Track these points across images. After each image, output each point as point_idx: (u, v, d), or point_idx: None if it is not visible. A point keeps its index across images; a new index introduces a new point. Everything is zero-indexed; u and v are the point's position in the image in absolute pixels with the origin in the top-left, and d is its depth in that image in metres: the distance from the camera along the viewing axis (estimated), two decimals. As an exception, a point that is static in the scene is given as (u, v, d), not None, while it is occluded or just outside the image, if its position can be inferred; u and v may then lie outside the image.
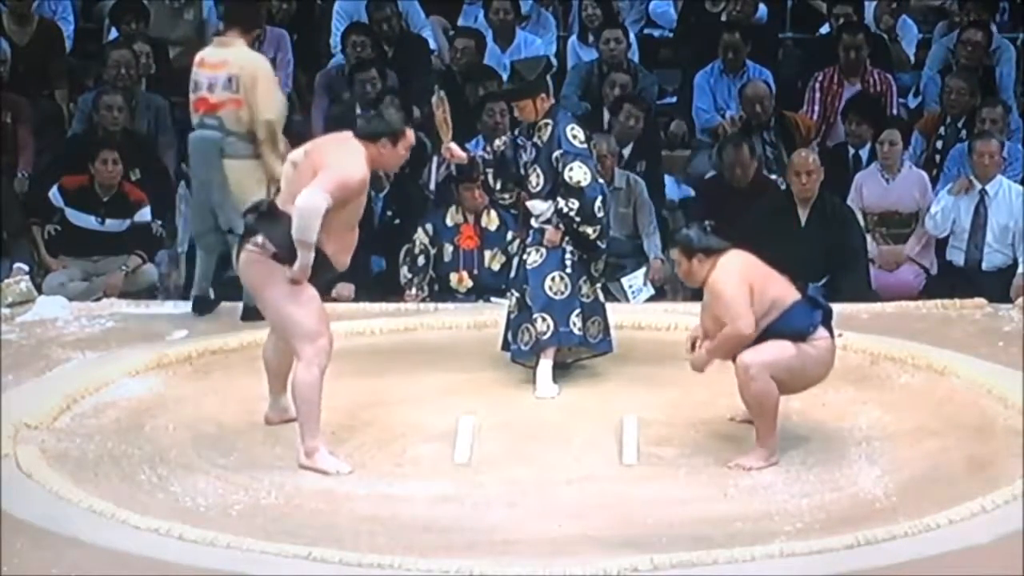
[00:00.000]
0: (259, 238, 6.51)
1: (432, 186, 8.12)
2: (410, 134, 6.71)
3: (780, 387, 6.54)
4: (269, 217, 6.54)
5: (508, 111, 9.43)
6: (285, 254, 6.46)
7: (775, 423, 6.58)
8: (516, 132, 7.56)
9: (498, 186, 7.58)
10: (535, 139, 7.42)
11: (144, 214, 9.51)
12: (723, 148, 9.86)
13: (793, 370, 6.54)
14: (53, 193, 9.49)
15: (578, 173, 7.31)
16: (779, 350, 6.53)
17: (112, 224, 9.46)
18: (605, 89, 10.53)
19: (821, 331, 6.60)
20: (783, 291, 6.63)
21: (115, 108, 9.93)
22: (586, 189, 7.31)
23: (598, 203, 7.33)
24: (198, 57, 8.13)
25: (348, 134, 6.65)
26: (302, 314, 6.47)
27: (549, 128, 7.39)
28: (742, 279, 6.57)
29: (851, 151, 10.14)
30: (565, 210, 7.32)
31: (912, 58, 11.37)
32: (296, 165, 6.63)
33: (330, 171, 6.43)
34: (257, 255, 6.51)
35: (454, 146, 7.53)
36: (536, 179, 7.41)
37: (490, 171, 7.54)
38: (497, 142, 7.61)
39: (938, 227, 9.52)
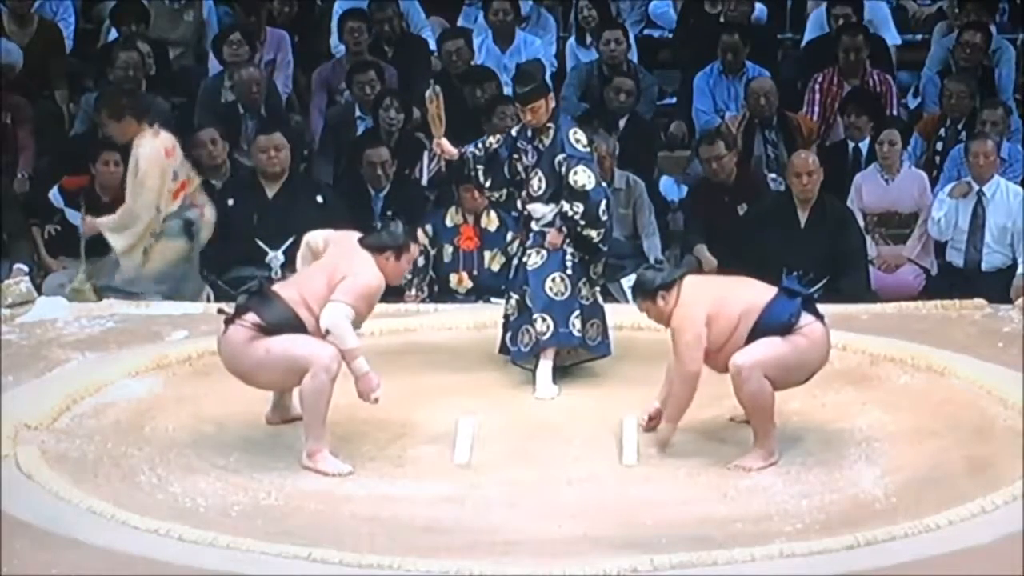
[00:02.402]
0: (251, 316, 6.54)
1: (424, 181, 8.14)
2: (414, 249, 6.82)
3: (779, 383, 6.54)
4: (260, 297, 6.60)
5: (517, 115, 9.44)
6: (274, 330, 6.52)
7: (772, 423, 6.58)
8: (516, 133, 7.54)
9: (488, 184, 7.56)
10: (536, 143, 7.41)
11: (144, 215, 9.51)
12: (699, 145, 9.89)
13: (787, 364, 6.53)
14: (53, 194, 9.50)
15: (582, 177, 7.30)
16: (769, 347, 6.52)
17: (112, 225, 9.46)
18: (609, 94, 10.52)
19: (806, 317, 6.58)
20: (753, 295, 6.61)
21: (117, 111, 9.94)
22: (591, 193, 7.31)
23: (602, 206, 7.33)
24: (168, 146, 8.43)
25: (354, 236, 6.76)
26: (296, 345, 6.51)
27: (551, 132, 7.38)
28: (701, 315, 6.54)
29: (850, 145, 10.15)
30: (570, 213, 7.31)
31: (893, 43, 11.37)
32: (311, 249, 6.80)
33: (349, 282, 6.55)
34: (248, 330, 6.53)
35: (445, 142, 7.52)
36: (538, 183, 7.40)
37: (480, 168, 7.52)
38: (491, 139, 7.59)
39: (942, 233, 9.52)
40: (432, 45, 11.22)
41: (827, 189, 9.27)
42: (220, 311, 6.70)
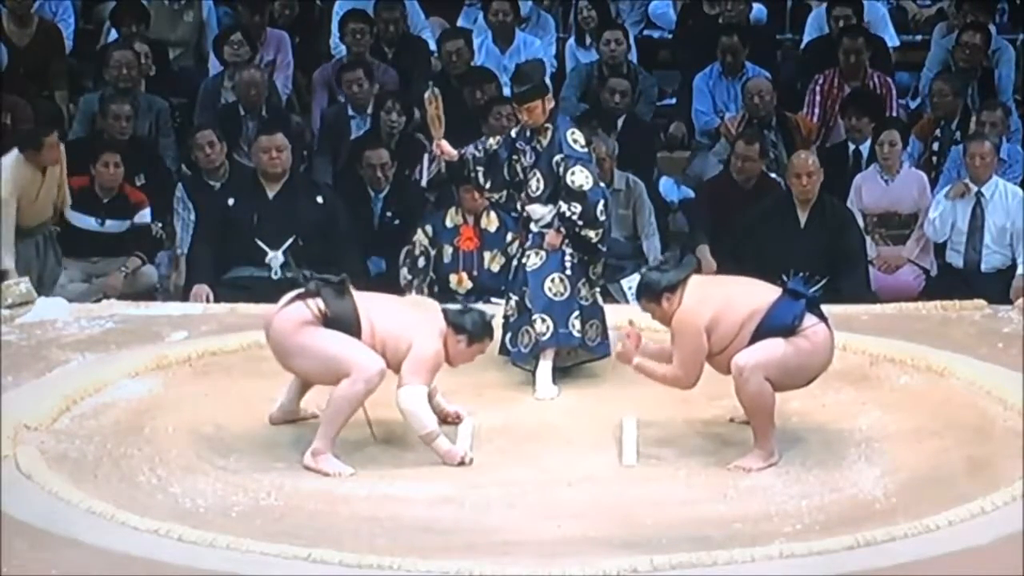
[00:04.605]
0: (319, 302, 6.55)
1: (424, 182, 8.20)
2: (486, 345, 6.82)
3: (780, 384, 6.53)
4: (337, 289, 6.61)
5: (514, 115, 9.44)
6: (331, 325, 6.55)
7: (771, 424, 6.57)
8: (515, 134, 7.54)
9: (488, 185, 7.57)
10: (534, 143, 7.41)
11: (144, 215, 9.52)
12: (738, 137, 9.85)
13: (788, 366, 6.53)
14: (53, 194, 9.50)
15: (580, 177, 7.31)
16: (771, 349, 6.51)
17: (112, 225, 9.46)
18: (604, 95, 10.53)
19: (810, 320, 6.56)
20: (757, 297, 6.59)
21: (123, 118, 9.96)
22: (588, 193, 7.31)
23: (600, 207, 7.33)
24: None
25: (436, 305, 6.84)
26: (348, 346, 6.53)
27: (549, 132, 7.38)
28: (702, 324, 6.54)
29: (851, 147, 10.15)
30: (568, 214, 7.32)
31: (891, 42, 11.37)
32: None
33: (418, 358, 6.56)
34: (308, 314, 6.55)
35: (444, 143, 7.53)
36: (536, 183, 7.40)
37: (480, 169, 7.53)
38: (491, 141, 7.60)
39: (937, 233, 9.52)
40: (432, 46, 11.22)
41: (827, 190, 9.27)
42: (305, 280, 6.68)
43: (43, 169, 9.01)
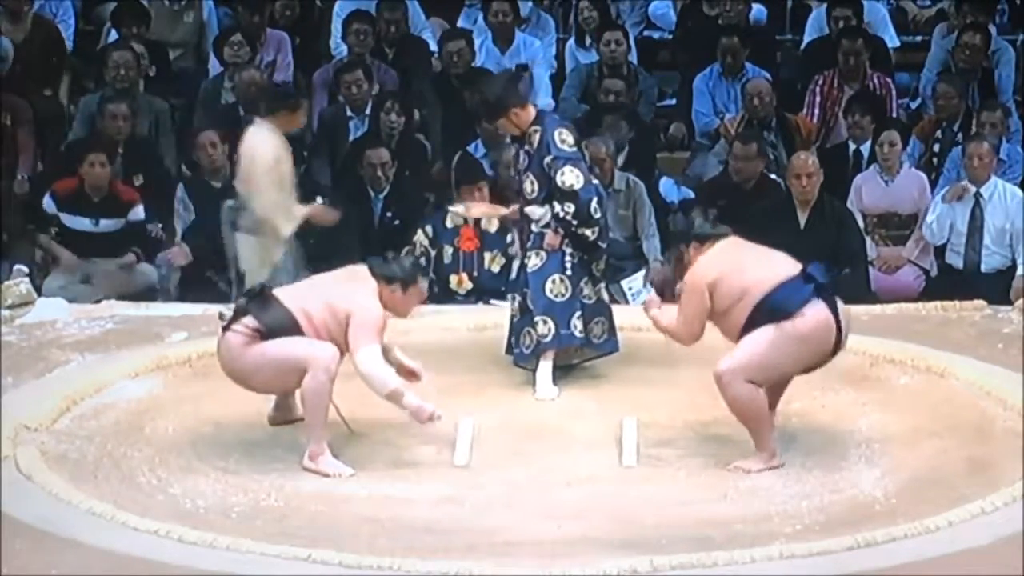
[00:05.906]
0: (249, 320, 6.57)
1: (516, 250, 8.30)
2: (422, 284, 6.79)
3: (769, 378, 6.47)
4: (262, 301, 6.62)
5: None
6: (272, 334, 6.55)
7: (766, 425, 6.54)
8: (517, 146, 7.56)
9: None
10: (526, 146, 7.42)
11: (138, 212, 9.53)
12: (735, 140, 9.86)
13: (770, 360, 6.46)
14: (46, 199, 9.50)
15: (570, 177, 7.30)
16: (750, 349, 6.46)
17: (106, 225, 9.47)
18: (600, 95, 10.53)
19: (812, 306, 6.50)
20: (770, 268, 6.54)
21: (120, 117, 9.96)
22: (580, 192, 7.30)
23: (594, 204, 7.33)
24: None
25: (363, 269, 6.76)
26: (294, 346, 6.53)
27: (538, 134, 7.37)
28: (704, 280, 6.52)
29: (852, 147, 10.15)
30: (561, 214, 7.32)
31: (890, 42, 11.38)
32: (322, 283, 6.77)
33: (360, 323, 6.55)
34: (245, 334, 6.56)
35: (509, 209, 7.56)
36: (531, 185, 7.41)
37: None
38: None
39: (935, 236, 9.53)
40: (433, 46, 11.22)
41: (827, 190, 9.27)
42: (220, 316, 6.71)
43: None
